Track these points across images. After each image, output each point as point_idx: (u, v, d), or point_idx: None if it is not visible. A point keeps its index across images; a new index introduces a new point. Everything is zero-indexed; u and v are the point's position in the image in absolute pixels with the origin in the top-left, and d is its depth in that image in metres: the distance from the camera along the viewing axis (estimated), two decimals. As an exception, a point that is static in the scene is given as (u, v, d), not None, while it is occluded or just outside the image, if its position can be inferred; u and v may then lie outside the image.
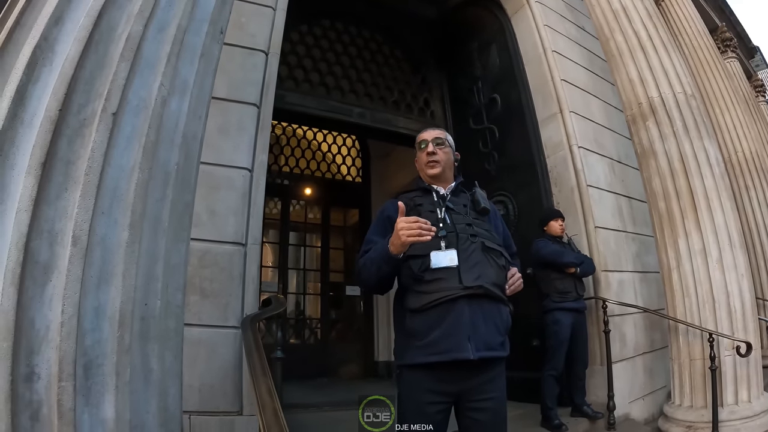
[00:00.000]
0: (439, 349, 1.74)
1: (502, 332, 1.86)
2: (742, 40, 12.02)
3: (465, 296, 1.75)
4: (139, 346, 1.14)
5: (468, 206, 2.01)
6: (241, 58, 3.51)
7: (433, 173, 2.05)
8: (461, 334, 1.73)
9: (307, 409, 4.58)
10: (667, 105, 4.60)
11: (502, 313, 1.87)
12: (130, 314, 1.13)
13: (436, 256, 1.80)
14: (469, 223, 1.92)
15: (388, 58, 6.40)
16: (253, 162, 3.28)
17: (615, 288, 4.76)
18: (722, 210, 4.25)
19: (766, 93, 13.06)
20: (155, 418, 1.14)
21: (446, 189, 2.05)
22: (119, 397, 1.05)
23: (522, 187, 5.33)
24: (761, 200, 7.95)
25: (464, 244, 1.84)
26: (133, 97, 1.21)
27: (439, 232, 1.82)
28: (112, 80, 1.17)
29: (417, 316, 1.79)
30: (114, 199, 1.13)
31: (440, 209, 1.95)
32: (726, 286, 4.09)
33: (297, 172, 8.31)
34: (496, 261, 1.88)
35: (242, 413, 2.74)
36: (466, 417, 1.83)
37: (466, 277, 1.77)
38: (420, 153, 2.11)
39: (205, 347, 2.76)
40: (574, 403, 4.20)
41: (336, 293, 8.47)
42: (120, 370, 1.07)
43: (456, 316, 1.75)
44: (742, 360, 3.94)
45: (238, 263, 3.01)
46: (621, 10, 5.03)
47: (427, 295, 1.77)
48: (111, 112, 1.15)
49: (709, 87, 8.45)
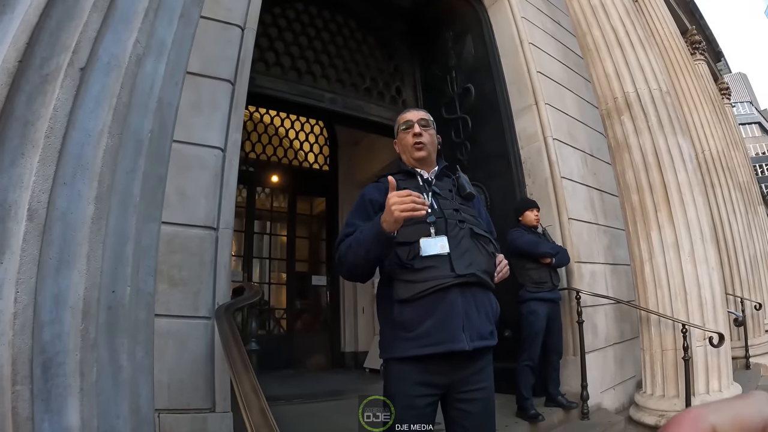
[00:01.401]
0: (433, 340, 1.65)
1: (492, 321, 1.80)
2: (710, 44, 12.43)
3: (457, 285, 1.68)
4: (106, 341, 0.99)
5: (453, 191, 1.93)
6: (216, 32, 3.31)
7: (420, 156, 1.95)
8: (455, 325, 1.66)
9: (276, 402, 4.43)
10: (642, 100, 4.64)
11: (491, 301, 1.82)
12: (96, 303, 0.97)
13: (426, 243, 1.71)
14: (456, 209, 1.85)
15: (362, 45, 6.28)
16: (226, 141, 3.09)
17: (588, 279, 4.81)
18: (694, 204, 4.32)
19: (730, 96, 13.55)
20: (126, 423, 0.99)
21: (430, 173, 1.96)
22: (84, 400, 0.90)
23: (495, 178, 5.30)
24: (726, 197, 8.22)
25: (453, 231, 1.77)
26: (104, 53, 1.05)
27: (428, 218, 1.73)
28: (81, 32, 1.01)
29: (406, 307, 1.69)
30: (78, 168, 0.97)
31: (427, 194, 1.85)
32: (697, 279, 4.16)
33: (263, 158, 8.16)
34: (485, 247, 1.82)
35: (215, 410, 2.57)
36: (455, 408, 1.76)
37: (458, 264, 1.69)
38: (404, 134, 1.99)
39: (174, 339, 2.57)
40: (549, 393, 4.21)
41: (302, 283, 8.36)
42: (84, 369, 0.91)
43: (449, 306, 1.67)
44: (713, 350, 4.02)
45: (209, 249, 2.83)
46: (599, 6, 5.06)
47: (418, 284, 1.67)
48: (78, 68, 0.99)
49: (679, 86, 8.69)
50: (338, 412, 4.20)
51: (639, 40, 4.90)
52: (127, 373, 1.03)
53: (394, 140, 2.08)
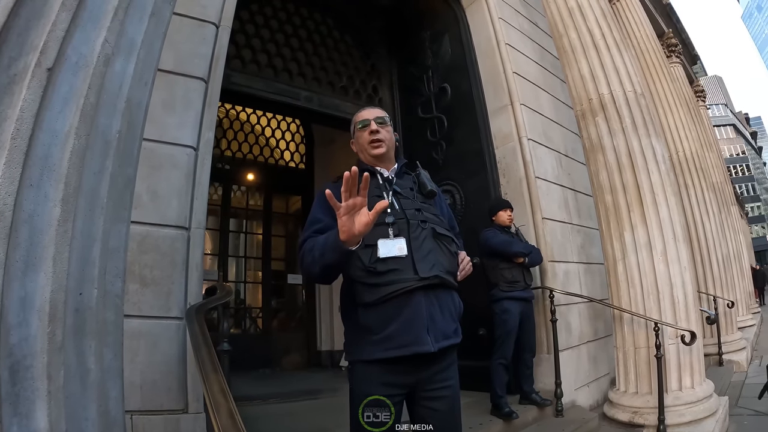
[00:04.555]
0: (398, 343, 1.65)
1: (455, 319, 1.81)
2: (686, 47, 12.71)
3: (421, 287, 1.67)
4: (73, 343, 0.97)
5: (414, 189, 1.93)
6: (191, 29, 3.25)
7: (378, 153, 1.92)
8: (420, 327, 1.66)
9: (252, 402, 4.42)
10: (617, 102, 4.73)
11: (455, 300, 1.83)
12: (63, 305, 0.96)
13: (384, 245, 1.69)
14: (418, 208, 1.84)
15: (339, 43, 6.28)
16: (199, 140, 3.04)
17: (561, 278, 4.88)
18: (667, 205, 4.42)
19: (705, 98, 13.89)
20: (95, 425, 0.98)
21: (390, 171, 1.95)
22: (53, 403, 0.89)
23: (469, 177, 5.34)
24: (700, 198, 8.41)
25: (415, 231, 1.76)
26: (72, 53, 1.03)
27: (387, 219, 1.73)
28: (50, 31, 0.99)
29: (371, 310, 1.69)
30: (45, 169, 0.95)
31: (387, 193, 1.85)
32: (670, 278, 4.27)
33: (239, 156, 8.09)
34: (448, 248, 1.81)
35: (188, 411, 2.54)
36: (422, 407, 1.77)
37: (421, 267, 1.69)
38: (361, 133, 1.96)
39: (145, 340, 2.53)
40: (523, 391, 4.26)
41: (277, 282, 8.32)
42: (52, 371, 0.90)
43: (413, 309, 1.66)
44: (686, 348, 4.12)
45: (181, 249, 2.78)
46: (576, 8, 5.13)
47: (382, 287, 1.67)
48: (46, 68, 0.97)
49: (654, 89, 8.85)
50: (315, 411, 4.20)
51: (615, 42, 4.99)
52: (96, 375, 1.02)
53: (351, 140, 2.05)
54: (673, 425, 3.96)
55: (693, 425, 3.99)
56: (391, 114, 5.96)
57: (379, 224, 1.69)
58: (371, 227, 1.54)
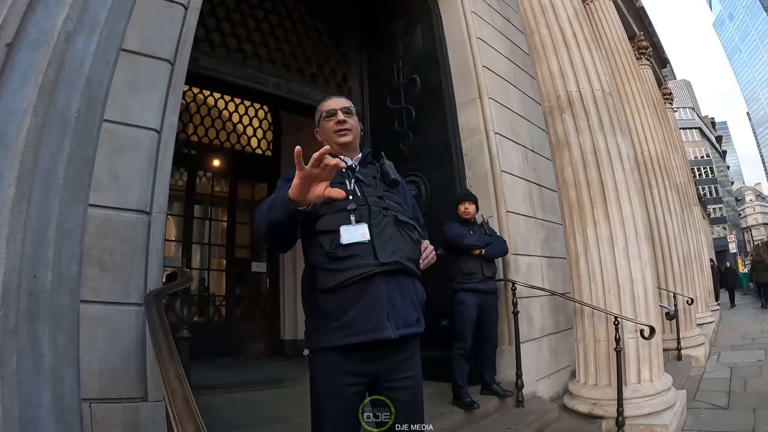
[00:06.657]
0: (357, 329, 1.65)
1: (417, 308, 1.82)
2: (656, 50, 12.99)
3: (381, 273, 1.68)
4: (27, 327, 0.95)
5: (377, 178, 1.94)
6: (158, 9, 3.14)
7: (345, 141, 1.95)
8: (380, 313, 1.66)
9: (214, 391, 4.37)
10: (584, 100, 4.81)
11: (417, 288, 1.83)
12: (16, 288, 0.94)
13: (347, 230, 1.70)
14: (380, 196, 1.85)
15: (309, 30, 6.20)
16: (162, 123, 2.95)
17: (524, 271, 4.96)
18: (630, 202, 4.53)
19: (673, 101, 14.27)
20: (50, 412, 0.96)
21: (354, 160, 1.97)
22: (5, 389, 0.87)
23: (435, 169, 5.38)
24: (663, 197, 8.63)
25: (377, 218, 1.76)
26: (33, 29, 1.00)
27: (348, 205, 1.74)
28: (10, 5, 0.96)
29: (330, 296, 1.69)
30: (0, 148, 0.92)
31: (349, 180, 1.86)
32: (630, 274, 4.38)
33: (205, 142, 7.91)
34: (409, 235, 1.83)
35: (147, 399, 2.49)
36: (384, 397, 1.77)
37: (382, 252, 1.69)
38: (326, 122, 1.98)
39: (104, 326, 2.46)
40: (485, 382, 4.33)
41: (241, 269, 8.22)
42: (5, 356, 0.88)
43: (373, 295, 1.67)
44: (645, 342, 4.24)
45: (142, 233, 2.71)
46: (549, 6, 5.19)
47: (341, 273, 1.67)
48: (5, 43, 0.94)
49: (623, 89, 9.02)
50: (277, 400, 4.17)
51: (586, 41, 5.06)
52: (50, 361, 1.00)
53: (316, 129, 2.06)
54: (632, 417, 4.07)
55: (651, 417, 4.11)
56: (359, 103, 6.02)
57: (341, 210, 1.72)
58: (321, 200, 1.54)
